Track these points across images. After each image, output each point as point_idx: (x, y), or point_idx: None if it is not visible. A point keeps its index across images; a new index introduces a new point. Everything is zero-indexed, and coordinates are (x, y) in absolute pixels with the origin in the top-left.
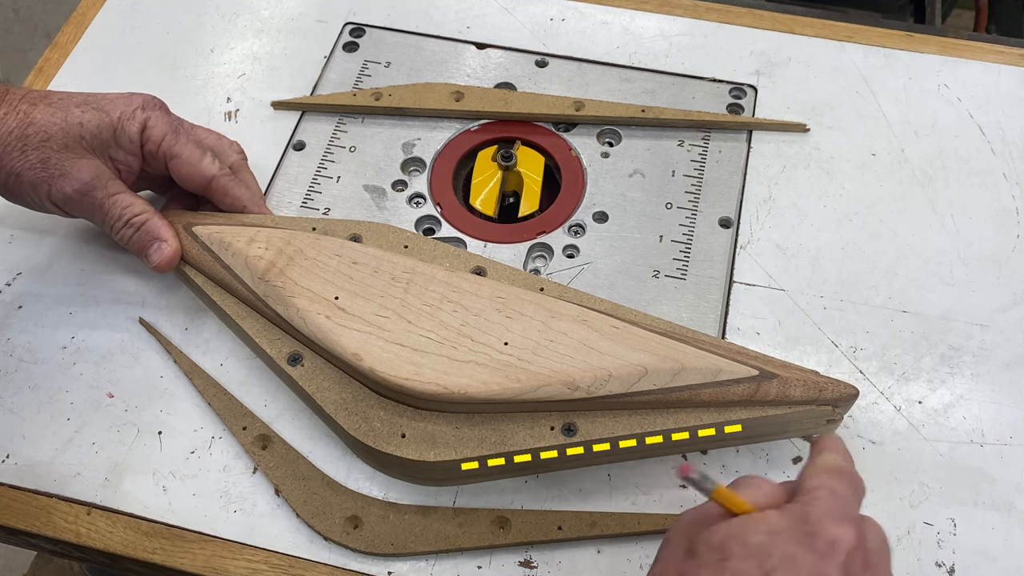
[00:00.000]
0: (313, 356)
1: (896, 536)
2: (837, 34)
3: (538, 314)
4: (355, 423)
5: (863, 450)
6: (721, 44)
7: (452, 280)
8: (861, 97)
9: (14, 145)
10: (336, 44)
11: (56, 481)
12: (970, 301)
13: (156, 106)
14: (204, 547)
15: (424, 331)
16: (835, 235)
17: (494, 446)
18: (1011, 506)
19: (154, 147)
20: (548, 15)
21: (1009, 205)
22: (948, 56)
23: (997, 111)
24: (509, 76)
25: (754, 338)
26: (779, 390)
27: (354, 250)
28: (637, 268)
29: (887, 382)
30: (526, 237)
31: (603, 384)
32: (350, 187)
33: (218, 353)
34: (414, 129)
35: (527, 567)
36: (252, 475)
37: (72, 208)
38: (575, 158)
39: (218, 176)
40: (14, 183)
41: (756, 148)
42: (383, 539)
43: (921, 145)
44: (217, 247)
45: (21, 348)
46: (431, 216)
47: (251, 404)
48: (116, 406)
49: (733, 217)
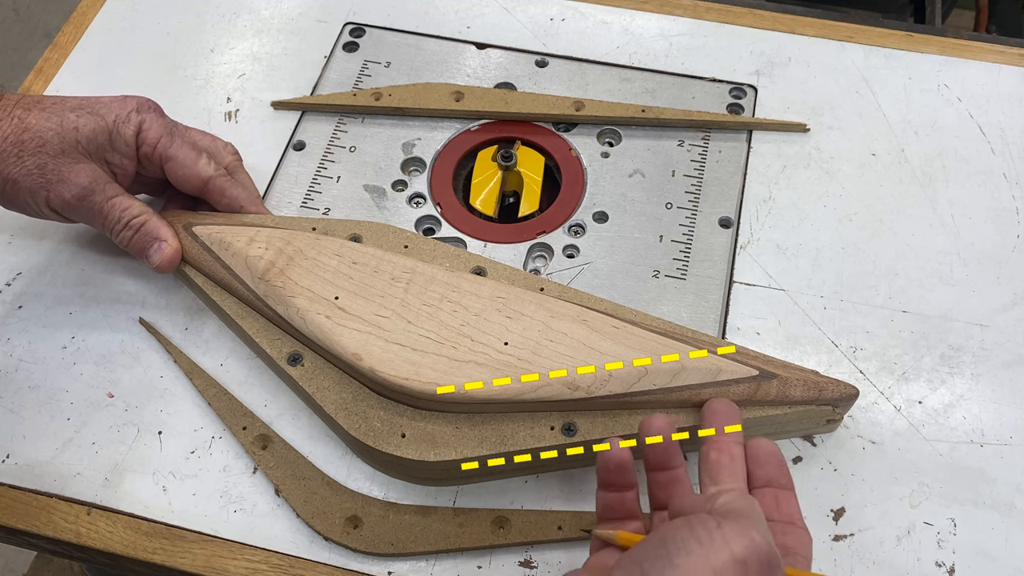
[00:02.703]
0: (313, 356)
1: (896, 536)
2: (837, 34)
3: (538, 314)
4: (355, 423)
5: (863, 450)
6: (721, 44)
7: (452, 280)
8: (861, 97)
9: (10, 151)
10: (336, 44)
11: (56, 481)
12: (970, 301)
13: (151, 109)
14: (204, 547)
15: (424, 331)
16: (835, 235)
17: (494, 446)
18: (1011, 506)
19: (149, 150)
20: (548, 15)
21: (1009, 205)
22: (948, 56)
23: (997, 111)
24: (509, 76)
25: (754, 338)
26: (779, 390)
27: (354, 250)
28: (637, 268)
29: (887, 382)
30: (526, 237)
31: (603, 384)
32: (350, 187)
33: (218, 353)
34: (414, 129)
35: (527, 567)
36: (252, 475)
37: (71, 213)
38: (575, 158)
39: (214, 177)
40: (11, 190)
41: (756, 148)
42: (383, 539)
43: (921, 145)
44: (217, 247)
45: (21, 348)
46: (431, 216)
47: (251, 404)
48: (116, 406)
49: (733, 217)
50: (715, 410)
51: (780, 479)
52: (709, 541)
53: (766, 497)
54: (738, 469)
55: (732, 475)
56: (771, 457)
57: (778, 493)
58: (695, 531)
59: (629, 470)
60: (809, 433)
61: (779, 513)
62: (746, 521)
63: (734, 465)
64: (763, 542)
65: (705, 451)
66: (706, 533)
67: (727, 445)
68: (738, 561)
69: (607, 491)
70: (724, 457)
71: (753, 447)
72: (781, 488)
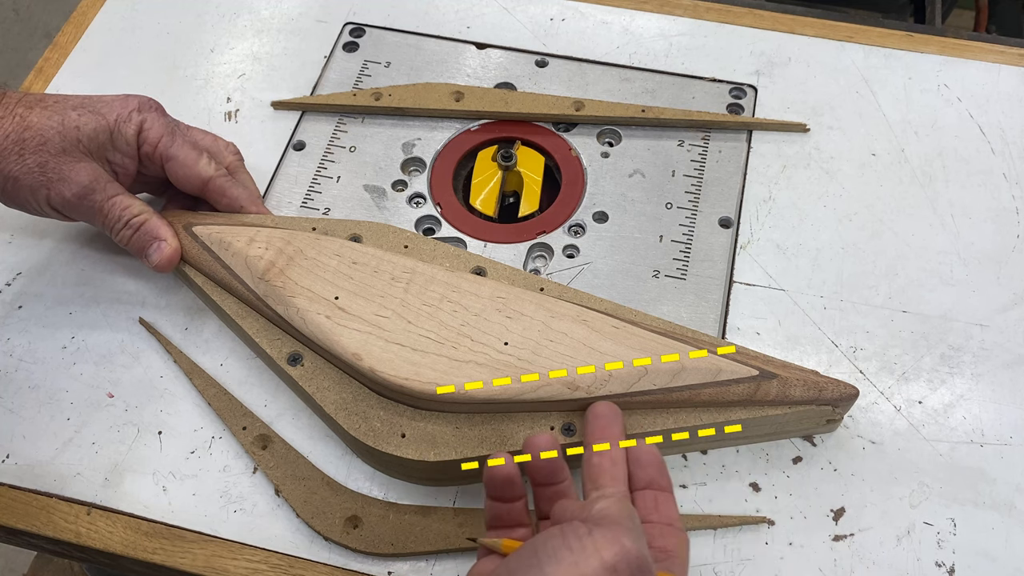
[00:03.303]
0: (313, 356)
1: (896, 536)
2: (837, 34)
3: (538, 314)
4: (355, 423)
5: (863, 450)
6: (721, 44)
7: (452, 280)
8: (861, 97)
9: (11, 149)
10: (336, 44)
11: (56, 481)
12: (970, 301)
13: (152, 108)
14: (204, 547)
15: (424, 331)
16: (835, 235)
17: (494, 446)
18: (1011, 506)
19: (150, 149)
20: (548, 15)
21: (1009, 205)
22: (948, 56)
23: (997, 111)
24: (509, 76)
25: (754, 338)
26: (779, 390)
27: (354, 250)
28: (637, 268)
29: (887, 382)
30: (526, 237)
31: (603, 384)
32: (350, 187)
33: (218, 353)
34: (414, 129)
35: None
36: (252, 475)
37: (71, 212)
38: (575, 158)
39: (214, 177)
40: (12, 187)
41: (756, 148)
42: (383, 539)
43: (921, 145)
44: (217, 247)
45: (21, 348)
46: (431, 216)
47: (251, 404)
48: (116, 406)
49: (733, 217)
50: (597, 413)
51: (660, 481)
52: (580, 548)
53: (646, 499)
54: (619, 472)
55: (613, 478)
56: (652, 459)
57: (657, 495)
58: (566, 539)
59: (516, 483)
60: (809, 433)
61: (658, 515)
62: (618, 528)
63: (615, 468)
64: (633, 548)
65: (588, 455)
66: (576, 540)
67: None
68: (607, 567)
69: (495, 501)
70: (605, 460)
71: (635, 450)
72: (660, 490)
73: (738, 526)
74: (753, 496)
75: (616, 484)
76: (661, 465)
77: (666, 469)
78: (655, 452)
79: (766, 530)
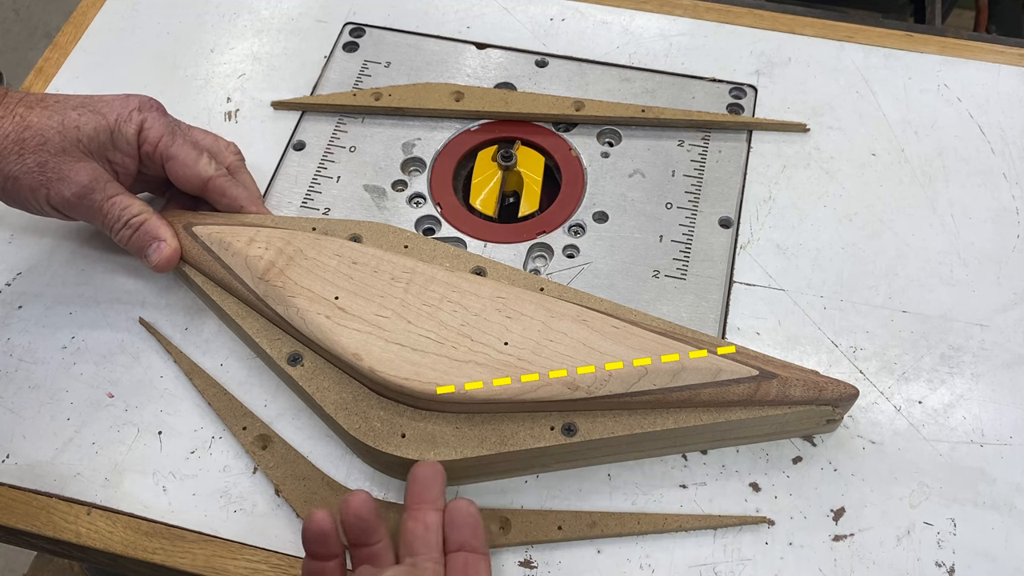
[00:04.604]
0: (313, 356)
1: (896, 536)
2: (837, 34)
3: (538, 314)
4: (355, 423)
5: (863, 450)
6: (721, 44)
7: (452, 280)
8: (861, 97)
9: (11, 149)
10: (336, 44)
11: (56, 481)
12: (970, 301)
13: (153, 107)
14: (204, 547)
15: (424, 331)
16: (835, 235)
17: (494, 446)
18: (1011, 506)
19: (151, 148)
20: (548, 15)
21: (1009, 205)
22: (948, 56)
23: (997, 111)
24: (509, 76)
25: (754, 338)
26: (779, 390)
27: (354, 250)
28: (637, 268)
29: (887, 382)
30: (526, 237)
31: (603, 384)
32: (350, 187)
33: (218, 353)
34: (414, 129)
35: (527, 567)
36: (252, 475)
37: (71, 211)
38: (575, 158)
39: (214, 177)
40: (12, 187)
41: (756, 148)
42: None
43: (921, 145)
44: (217, 247)
45: (21, 348)
46: (431, 216)
47: (251, 404)
48: (116, 406)
49: (733, 217)
50: (416, 476)
51: (472, 543)
52: None
53: (457, 562)
54: (432, 538)
55: (426, 544)
56: (466, 520)
57: (468, 557)
58: None
59: (331, 540)
60: (809, 433)
61: None
62: None
63: (428, 535)
64: None
65: (404, 519)
66: None
67: (423, 513)
68: None
69: (311, 559)
70: (419, 527)
71: (451, 510)
72: (472, 552)
73: (738, 526)
74: (753, 496)
75: (428, 551)
76: (476, 526)
77: (480, 530)
78: (471, 512)
79: (766, 530)
